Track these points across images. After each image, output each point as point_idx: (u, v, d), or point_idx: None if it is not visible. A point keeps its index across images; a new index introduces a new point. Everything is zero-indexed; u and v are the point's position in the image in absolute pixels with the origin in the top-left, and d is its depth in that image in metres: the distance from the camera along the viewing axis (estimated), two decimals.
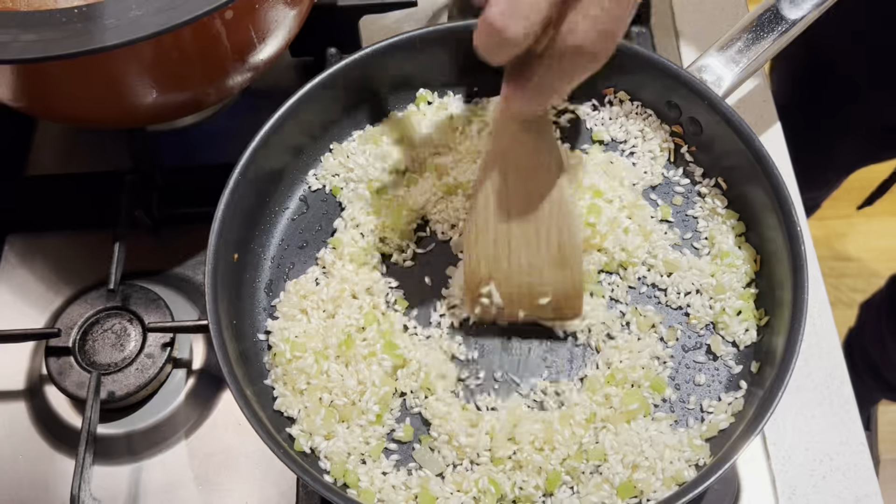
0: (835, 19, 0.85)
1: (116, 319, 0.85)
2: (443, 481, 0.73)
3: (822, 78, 1.36)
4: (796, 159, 0.96)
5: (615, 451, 0.73)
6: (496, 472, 0.72)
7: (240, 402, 0.70)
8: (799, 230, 0.75)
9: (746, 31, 0.83)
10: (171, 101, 0.83)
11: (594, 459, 0.73)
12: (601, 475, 0.72)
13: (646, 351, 0.77)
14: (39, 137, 1.02)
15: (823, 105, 1.38)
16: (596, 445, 0.73)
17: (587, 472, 0.73)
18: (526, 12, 0.54)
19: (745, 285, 0.80)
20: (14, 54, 0.64)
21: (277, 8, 0.80)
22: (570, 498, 0.72)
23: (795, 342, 0.71)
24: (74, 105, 0.83)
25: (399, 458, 0.75)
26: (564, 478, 0.72)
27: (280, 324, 0.79)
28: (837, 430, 0.82)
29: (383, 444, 0.75)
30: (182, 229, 0.93)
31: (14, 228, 0.95)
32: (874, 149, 1.47)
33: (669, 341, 0.79)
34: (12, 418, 0.84)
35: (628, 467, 0.72)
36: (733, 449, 0.69)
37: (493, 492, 0.71)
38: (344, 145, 0.89)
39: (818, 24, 0.84)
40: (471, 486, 0.72)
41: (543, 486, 0.72)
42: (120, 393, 0.81)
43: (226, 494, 0.80)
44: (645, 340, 0.78)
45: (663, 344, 0.79)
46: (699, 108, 0.83)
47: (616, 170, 0.85)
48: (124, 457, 0.82)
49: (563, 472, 0.72)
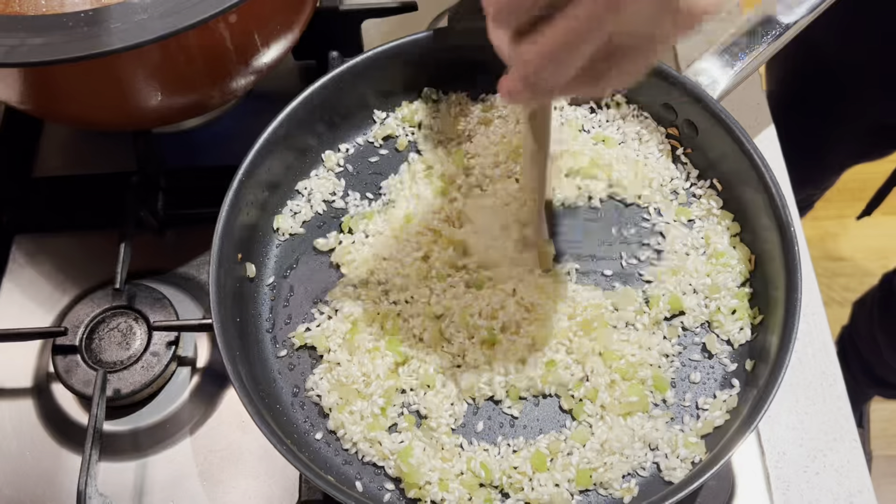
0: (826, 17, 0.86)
1: (122, 318, 0.85)
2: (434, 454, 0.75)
3: (814, 76, 1.37)
4: (789, 157, 0.97)
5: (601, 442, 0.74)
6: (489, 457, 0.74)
7: (243, 399, 0.70)
8: (792, 231, 0.76)
9: (741, 36, 0.83)
10: (175, 104, 0.83)
11: (577, 441, 0.74)
12: (570, 455, 0.74)
13: (655, 349, 0.78)
14: (46, 140, 1.02)
15: (815, 103, 1.39)
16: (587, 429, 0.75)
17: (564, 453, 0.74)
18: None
19: (740, 285, 0.81)
20: (21, 57, 0.65)
21: (281, 12, 0.81)
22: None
23: (789, 340, 0.72)
24: (81, 107, 0.83)
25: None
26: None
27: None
28: (831, 427, 0.83)
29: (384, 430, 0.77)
30: (186, 230, 0.93)
31: (22, 229, 0.95)
32: (867, 146, 1.48)
33: (672, 338, 0.79)
34: (20, 415, 0.85)
35: (602, 456, 0.74)
36: (728, 445, 0.70)
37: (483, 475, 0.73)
38: (344, 146, 0.90)
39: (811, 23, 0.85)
40: (462, 465, 0.74)
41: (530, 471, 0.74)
42: (125, 390, 0.82)
43: (229, 490, 0.81)
44: (655, 337, 0.79)
45: (668, 342, 0.79)
46: (695, 110, 0.84)
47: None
48: (130, 453, 0.83)
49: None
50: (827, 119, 1.40)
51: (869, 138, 1.43)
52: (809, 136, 1.42)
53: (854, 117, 1.37)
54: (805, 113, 1.38)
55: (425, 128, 0.90)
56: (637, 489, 0.73)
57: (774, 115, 1.00)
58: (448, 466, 0.74)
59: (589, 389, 0.76)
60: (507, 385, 0.77)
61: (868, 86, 1.29)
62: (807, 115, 1.39)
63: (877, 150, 1.50)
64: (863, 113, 1.35)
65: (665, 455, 0.74)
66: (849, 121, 1.39)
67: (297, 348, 0.81)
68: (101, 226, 0.93)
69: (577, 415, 0.76)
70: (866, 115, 1.35)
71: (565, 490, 0.73)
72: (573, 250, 0.84)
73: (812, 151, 1.44)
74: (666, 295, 0.80)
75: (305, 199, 0.88)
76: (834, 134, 1.44)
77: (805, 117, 1.38)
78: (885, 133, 1.40)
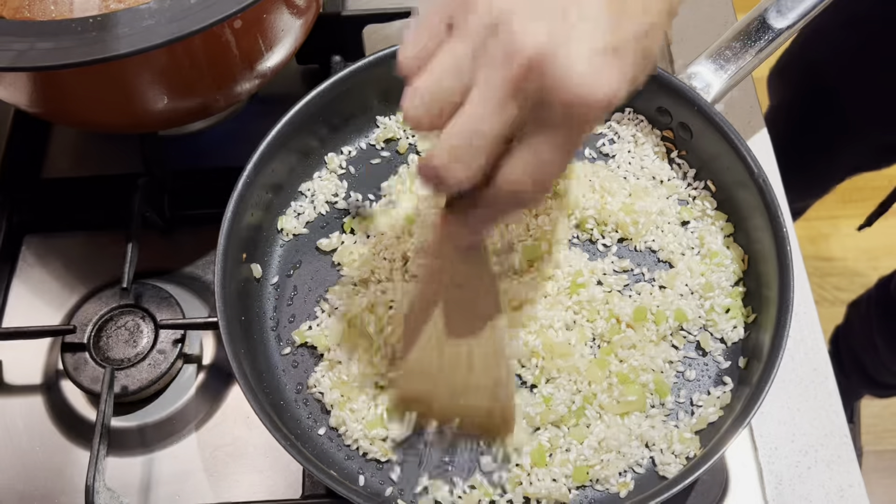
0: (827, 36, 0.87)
1: (129, 317, 0.86)
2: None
3: (815, 96, 1.37)
4: (789, 171, 0.97)
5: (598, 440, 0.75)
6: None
7: (248, 396, 0.72)
8: (785, 231, 0.77)
9: (735, 40, 0.84)
10: (181, 107, 0.84)
11: (575, 439, 0.75)
12: (568, 452, 0.75)
13: (659, 357, 0.79)
14: (55, 142, 1.03)
15: (816, 123, 1.39)
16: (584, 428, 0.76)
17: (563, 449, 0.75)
18: (468, 161, 0.53)
19: (734, 284, 0.82)
20: (31, 62, 0.66)
21: (284, 17, 0.81)
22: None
23: (782, 338, 0.73)
24: (89, 111, 0.84)
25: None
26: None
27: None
28: (822, 423, 0.84)
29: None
30: (192, 230, 0.94)
31: (31, 229, 0.96)
32: (866, 162, 1.48)
33: (680, 346, 0.80)
34: (30, 411, 0.86)
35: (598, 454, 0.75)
36: (722, 441, 0.71)
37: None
38: (346, 148, 0.92)
39: (810, 46, 0.85)
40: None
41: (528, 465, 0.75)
42: (133, 387, 0.83)
43: (234, 484, 0.82)
44: (661, 346, 0.80)
45: (674, 350, 0.80)
46: (689, 113, 0.85)
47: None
48: (137, 448, 0.84)
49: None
50: (827, 138, 1.40)
51: (869, 155, 1.43)
52: (810, 153, 1.42)
53: (855, 136, 1.37)
54: (806, 131, 1.38)
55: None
56: (633, 484, 0.74)
57: (775, 132, 1.00)
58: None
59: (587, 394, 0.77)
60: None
61: (869, 105, 1.29)
62: (807, 133, 1.39)
63: (876, 165, 1.50)
64: (864, 132, 1.35)
65: (660, 450, 0.75)
66: (850, 140, 1.39)
67: (300, 346, 0.82)
68: (109, 226, 0.94)
69: (578, 416, 0.77)
70: (867, 134, 1.35)
71: (563, 485, 0.74)
72: None
73: (812, 167, 1.44)
74: (671, 312, 0.80)
75: (308, 201, 0.89)
76: (834, 151, 1.44)
77: (806, 135, 1.38)
78: (886, 150, 1.40)
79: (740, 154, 0.81)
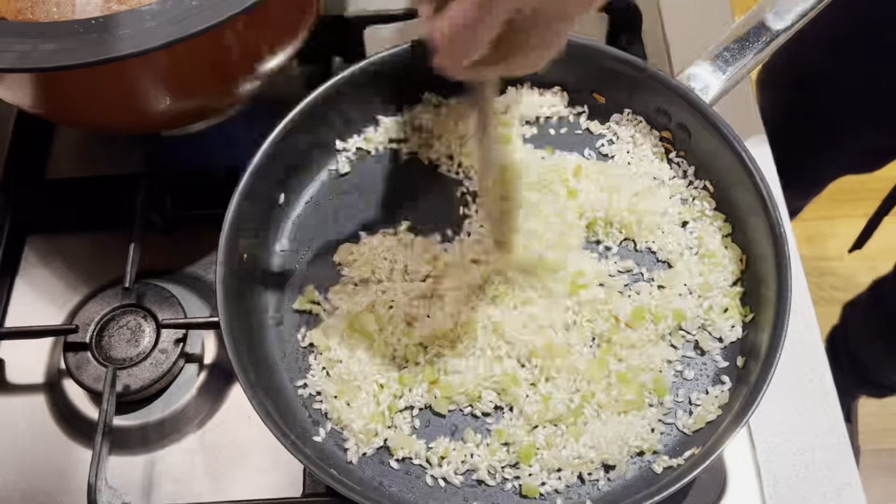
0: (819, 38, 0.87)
1: (131, 316, 0.86)
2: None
3: (807, 98, 1.37)
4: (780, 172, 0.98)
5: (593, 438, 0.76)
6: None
7: (249, 395, 0.72)
8: (782, 231, 0.77)
9: (733, 42, 0.84)
10: (183, 108, 0.84)
11: (572, 436, 0.76)
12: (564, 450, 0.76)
13: (658, 357, 0.79)
14: (58, 142, 1.03)
15: (808, 125, 1.39)
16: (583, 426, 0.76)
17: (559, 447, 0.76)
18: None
19: (732, 284, 0.82)
20: (34, 63, 0.66)
21: (286, 19, 0.82)
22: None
23: (779, 338, 0.73)
24: (91, 112, 0.84)
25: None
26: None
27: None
28: (820, 423, 0.84)
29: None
30: (194, 230, 0.94)
31: (34, 229, 0.96)
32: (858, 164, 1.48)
33: (678, 345, 0.81)
34: (32, 410, 0.86)
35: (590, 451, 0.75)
36: (720, 440, 0.71)
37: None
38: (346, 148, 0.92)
39: (802, 47, 0.85)
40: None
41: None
42: (135, 386, 0.83)
43: (235, 483, 0.82)
44: (660, 346, 0.80)
45: (673, 349, 0.80)
46: (687, 114, 0.85)
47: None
48: (139, 447, 0.84)
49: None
50: (819, 140, 1.40)
51: (861, 158, 1.44)
52: (801, 155, 1.42)
53: (846, 139, 1.37)
54: (797, 133, 1.38)
55: (426, 132, 0.92)
56: (631, 481, 0.75)
57: (766, 134, 1.01)
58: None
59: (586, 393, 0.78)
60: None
61: (861, 108, 1.29)
62: (799, 135, 1.39)
63: (867, 167, 1.50)
64: (856, 135, 1.35)
65: (658, 449, 0.76)
66: (841, 142, 1.39)
67: (301, 345, 0.82)
68: (111, 226, 0.94)
69: (576, 415, 0.77)
70: (859, 137, 1.35)
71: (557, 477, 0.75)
72: None
73: (803, 169, 1.44)
74: (670, 312, 0.80)
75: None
76: (825, 153, 1.44)
77: (797, 137, 1.38)
78: (877, 153, 1.41)
79: (738, 155, 0.81)
